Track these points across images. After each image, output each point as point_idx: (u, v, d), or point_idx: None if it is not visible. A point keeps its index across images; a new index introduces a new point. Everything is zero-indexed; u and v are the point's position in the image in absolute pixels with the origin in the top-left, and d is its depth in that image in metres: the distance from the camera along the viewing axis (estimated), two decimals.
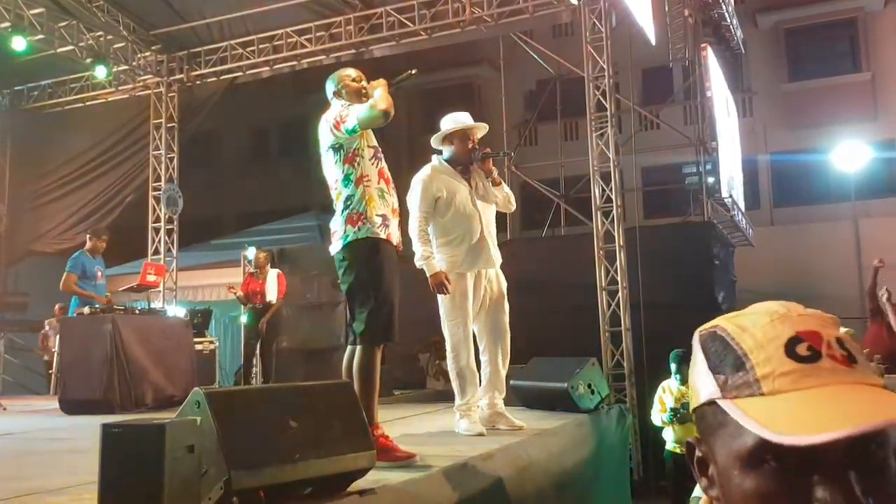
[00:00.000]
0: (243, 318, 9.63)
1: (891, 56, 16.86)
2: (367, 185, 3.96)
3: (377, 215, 3.93)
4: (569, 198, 12.70)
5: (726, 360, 0.79)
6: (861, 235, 15.57)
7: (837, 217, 15.91)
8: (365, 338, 3.88)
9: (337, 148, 4.00)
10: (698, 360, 0.83)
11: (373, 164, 4.03)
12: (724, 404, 0.77)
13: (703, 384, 0.81)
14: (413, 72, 4.33)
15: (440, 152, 5.20)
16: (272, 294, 9.27)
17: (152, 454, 2.04)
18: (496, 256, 5.08)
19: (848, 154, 15.51)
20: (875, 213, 15.87)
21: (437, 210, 4.96)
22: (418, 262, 4.87)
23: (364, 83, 4.20)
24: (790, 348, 0.78)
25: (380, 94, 3.99)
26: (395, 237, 4.06)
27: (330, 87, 4.23)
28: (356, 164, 3.97)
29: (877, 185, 16.19)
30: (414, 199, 4.97)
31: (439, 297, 4.89)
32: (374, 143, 4.09)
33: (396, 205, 4.15)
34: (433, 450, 4.05)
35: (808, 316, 0.80)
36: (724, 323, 0.83)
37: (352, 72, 4.26)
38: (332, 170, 4.05)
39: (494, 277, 5.09)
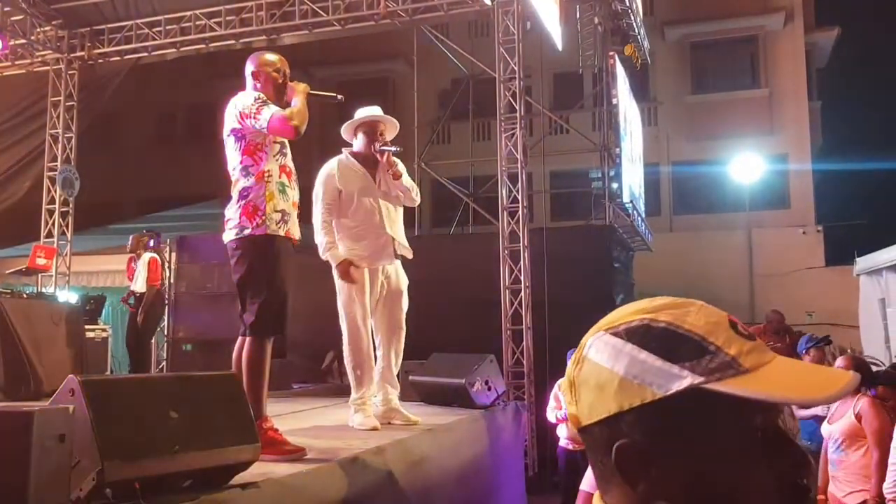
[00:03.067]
0: None
1: (787, 74, 17.67)
2: (268, 180, 3.90)
3: (276, 211, 3.89)
4: (478, 197, 12.82)
5: (682, 348, 0.79)
6: (753, 244, 16.29)
7: (732, 226, 16.59)
8: (255, 329, 3.85)
9: (239, 136, 3.93)
10: (636, 356, 0.80)
11: (276, 159, 3.97)
12: (718, 386, 0.76)
13: (660, 377, 0.78)
14: (340, 98, 4.30)
15: (352, 145, 5.18)
16: (138, 281, 8.92)
17: (19, 443, 1.96)
18: (403, 251, 5.09)
19: (744, 166, 16.19)
20: (767, 224, 16.62)
21: (340, 203, 4.94)
22: (323, 254, 4.85)
23: (285, 75, 4.12)
24: (735, 329, 0.81)
25: (298, 108, 3.92)
26: (294, 232, 4.03)
27: (249, 67, 4.13)
28: (257, 158, 3.91)
29: (770, 197, 16.96)
30: (318, 191, 4.97)
31: (338, 290, 4.88)
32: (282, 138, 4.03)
33: (297, 198, 4.10)
34: (325, 444, 4.03)
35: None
36: (656, 316, 0.83)
37: (274, 59, 4.15)
38: (231, 154, 3.98)
39: (394, 273, 5.09)
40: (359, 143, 5.10)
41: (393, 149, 4.90)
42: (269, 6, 10.27)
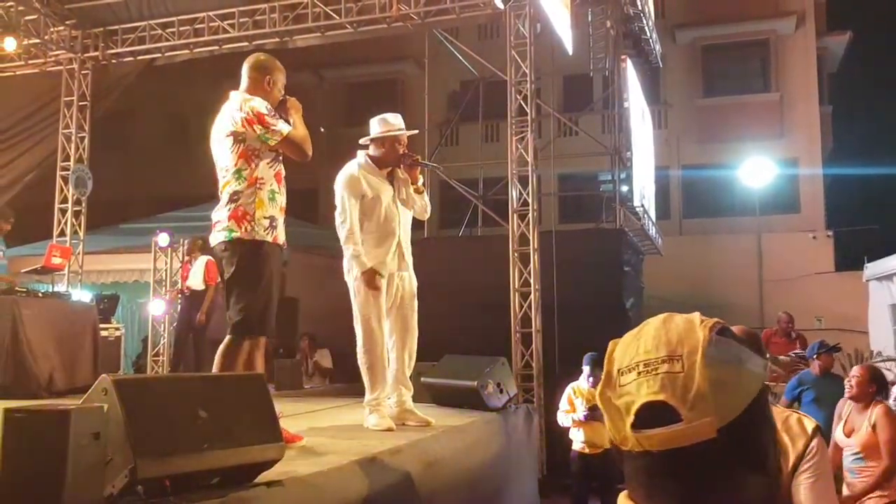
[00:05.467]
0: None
1: (798, 78, 17.65)
2: (260, 187, 3.95)
3: (265, 217, 3.94)
4: (486, 199, 12.85)
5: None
6: (763, 249, 16.27)
7: (742, 230, 16.56)
8: (238, 329, 3.93)
9: (239, 139, 3.95)
10: (742, 350, 0.90)
11: (271, 166, 4.00)
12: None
13: (760, 368, 0.90)
14: (321, 130, 4.39)
15: (363, 147, 5.20)
16: (193, 282, 9.15)
17: (56, 441, 2.00)
18: (409, 259, 5.16)
19: (754, 170, 16.17)
20: (777, 229, 16.59)
21: (361, 208, 4.96)
22: (349, 260, 4.89)
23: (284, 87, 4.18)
24: None
25: (305, 132, 4.03)
26: (281, 237, 4.09)
27: (259, 73, 4.15)
28: (252, 163, 3.94)
29: (780, 201, 16.92)
30: (344, 196, 4.96)
31: (354, 293, 4.93)
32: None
33: (284, 203, 4.15)
34: (342, 444, 4.07)
35: None
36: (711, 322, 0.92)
37: (284, 75, 4.22)
38: (224, 155, 4.00)
39: (407, 278, 5.15)
40: (382, 151, 5.09)
41: (433, 165, 4.94)
42: (282, 8, 10.31)
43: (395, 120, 5.15)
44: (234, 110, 3.97)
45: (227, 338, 3.97)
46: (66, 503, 1.99)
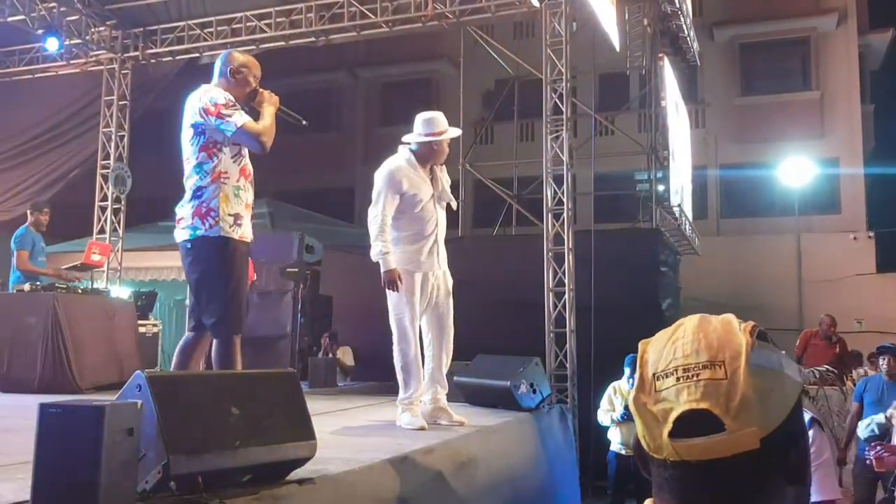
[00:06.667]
0: None
1: (839, 76, 17.33)
2: (224, 182, 3.87)
3: (229, 214, 3.86)
4: (521, 198, 12.80)
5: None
6: (802, 250, 16.00)
7: (781, 231, 16.31)
8: (218, 331, 3.90)
9: (200, 131, 3.90)
10: (781, 356, 0.89)
11: (235, 160, 3.92)
12: None
13: (797, 375, 0.88)
14: (304, 123, 4.19)
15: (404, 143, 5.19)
16: None
17: (91, 436, 2.02)
18: (444, 257, 5.14)
19: (793, 170, 15.91)
20: (817, 229, 16.32)
21: (401, 205, 4.94)
22: (375, 256, 4.87)
23: (258, 80, 4.08)
24: None
25: (268, 124, 3.91)
26: (248, 234, 4.02)
27: (226, 65, 4.08)
28: (214, 157, 3.87)
29: (820, 201, 16.64)
30: (380, 189, 4.91)
31: (388, 291, 4.92)
32: None
33: (251, 199, 4.08)
34: (374, 442, 4.07)
35: None
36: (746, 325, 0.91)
37: (253, 62, 4.12)
38: (187, 148, 3.96)
39: (442, 276, 5.13)
40: (427, 148, 5.06)
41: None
42: (318, 8, 10.37)
43: (442, 120, 5.13)
44: (196, 101, 3.91)
45: (215, 343, 3.92)
46: (100, 498, 2.01)
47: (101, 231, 11.25)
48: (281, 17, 10.60)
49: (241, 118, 3.84)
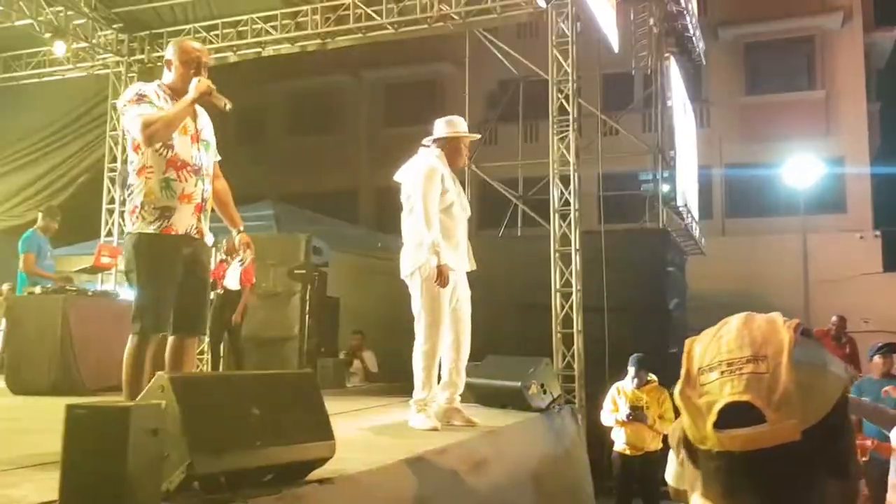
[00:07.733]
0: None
1: (845, 75, 17.32)
2: (149, 176, 3.75)
3: (155, 208, 3.74)
4: (526, 199, 12.79)
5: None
6: (809, 249, 15.98)
7: (786, 230, 16.30)
8: (134, 329, 3.81)
9: (126, 128, 3.88)
10: (825, 353, 0.91)
11: (160, 153, 3.76)
12: None
13: (842, 372, 0.90)
14: (227, 108, 3.91)
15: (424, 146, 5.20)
16: (230, 282, 9.18)
17: (116, 437, 2.03)
18: (471, 258, 5.18)
19: (799, 169, 15.90)
20: (823, 228, 16.30)
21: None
22: (428, 252, 4.75)
23: (200, 66, 3.91)
24: None
25: (167, 115, 3.71)
26: (181, 228, 3.80)
27: (166, 54, 4.00)
28: (138, 153, 3.79)
29: (826, 200, 16.62)
30: (423, 185, 4.84)
31: (421, 291, 4.85)
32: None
33: (197, 189, 3.85)
34: (389, 442, 4.09)
35: None
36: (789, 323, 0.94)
37: (193, 47, 3.98)
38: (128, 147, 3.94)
39: (462, 276, 5.13)
40: (454, 147, 5.08)
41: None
42: (323, 10, 10.38)
43: (461, 121, 5.20)
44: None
45: (129, 338, 3.83)
46: (126, 498, 2.02)
47: (109, 234, 11.28)
48: (287, 20, 10.61)
49: (136, 109, 3.71)
